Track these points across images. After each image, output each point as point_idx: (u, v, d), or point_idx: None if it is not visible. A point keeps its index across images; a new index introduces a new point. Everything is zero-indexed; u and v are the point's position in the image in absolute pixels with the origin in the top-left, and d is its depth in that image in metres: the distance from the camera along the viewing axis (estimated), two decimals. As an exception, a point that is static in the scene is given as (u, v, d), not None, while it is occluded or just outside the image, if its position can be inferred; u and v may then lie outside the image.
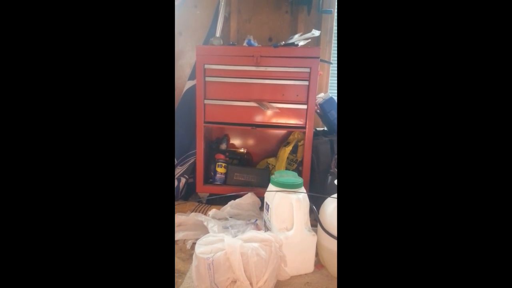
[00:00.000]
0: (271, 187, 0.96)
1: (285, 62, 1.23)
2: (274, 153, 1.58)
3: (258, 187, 1.35)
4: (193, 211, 1.27)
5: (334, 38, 1.62)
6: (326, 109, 1.38)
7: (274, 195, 0.92)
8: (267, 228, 0.98)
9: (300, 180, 0.95)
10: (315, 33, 1.26)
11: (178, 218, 1.12)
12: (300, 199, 0.89)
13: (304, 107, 1.26)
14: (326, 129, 1.56)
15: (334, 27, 1.61)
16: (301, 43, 1.29)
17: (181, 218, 1.12)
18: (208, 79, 1.28)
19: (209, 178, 1.48)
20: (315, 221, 0.94)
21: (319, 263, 0.96)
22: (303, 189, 0.94)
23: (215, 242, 0.80)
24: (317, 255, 0.94)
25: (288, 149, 1.44)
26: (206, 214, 1.16)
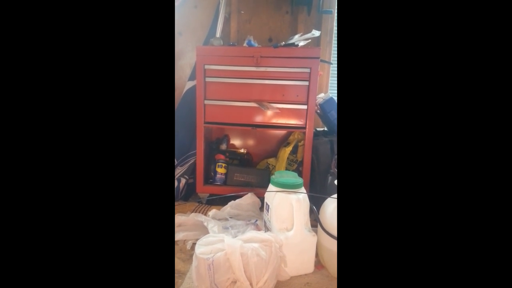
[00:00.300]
0: (271, 187, 0.96)
1: (285, 63, 1.23)
2: (274, 154, 1.58)
3: (258, 187, 1.35)
4: (193, 211, 1.27)
5: (334, 39, 1.62)
6: (326, 109, 1.38)
7: (274, 196, 0.92)
8: (267, 228, 0.98)
9: (300, 180, 0.95)
10: (315, 33, 1.26)
11: (178, 219, 1.11)
12: (300, 199, 0.89)
13: (304, 107, 1.26)
14: (326, 129, 1.56)
15: (334, 27, 1.61)
16: (301, 43, 1.29)
17: (181, 218, 1.12)
18: (208, 79, 1.28)
19: (209, 178, 1.48)
20: (315, 221, 0.94)
21: (319, 264, 0.96)
22: (303, 189, 0.94)
23: (215, 243, 0.80)
24: (317, 255, 0.94)
25: (288, 149, 1.44)
26: (206, 215, 1.16)
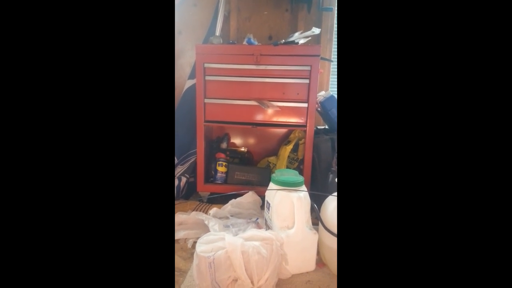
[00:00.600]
0: (272, 185, 0.96)
1: (285, 61, 1.22)
2: (275, 152, 1.58)
3: (259, 186, 1.35)
4: (194, 210, 1.27)
5: (334, 36, 1.62)
6: (327, 107, 1.37)
7: (275, 194, 0.92)
8: (268, 226, 0.98)
9: (301, 178, 0.95)
10: (315, 31, 1.26)
11: (179, 217, 1.11)
12: (301, 197, 0.88)
13: (305, 105, 1.26)
14: (327, 127, 1.55)
15: (334, 25, 1.60)
16: (301, 41, 1.28)
17: (182, 217, 1.12)
18: (208, 78, 1.28)
19: (210, 177, 1.48)
20: (316, 219, 0.94)
21: (320, 262, 0.96)
22: (304, 187, 0.94)
23: (216, 241, 0.80)
24: (318, 253, 0.94)
25: (289, 147, 1.44)
26: (207, 213, 1.16)
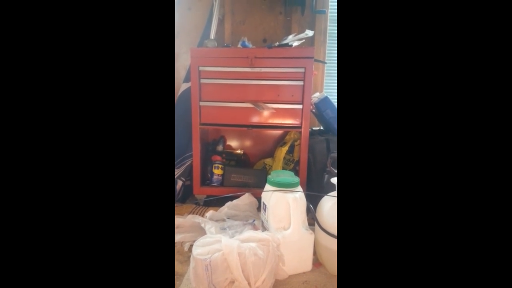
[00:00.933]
0: (267, 187, 0.97)
1: (279, 63, 1.23)
2: (271, 154, 1.59)
3: (255, 187, 1.35)
4: (190, 213, 1.27)
5: (328, 38, 1.63)
6: (322, 108, 1.38)
7: (271, 195, 0.92)
8: (264, 228, 0.98)
9: (296, 179, 0.95)
10: (309, 33, 1.27)
11: (175, 221, 1.11)
12: (297, 198, 0.89)
13: (300, 107, 1.27)
14: (322, 128, 1.56)
15: (327, 27, 1.62)
16: (295, 43, 1.29)
17: (179, 220, 1.12)
18: (203, 81, 1.28)
19: (206, 180, 1.47)
20: (312, 219, 0.95)
21: (317, 262, 0.96)
22: (299, 188, 0.95)
23: (213, 243, 0.80)
24: (315, 253, 0.95)
25: (285, 149, 1.45)
26: (203, 216, 1.16)
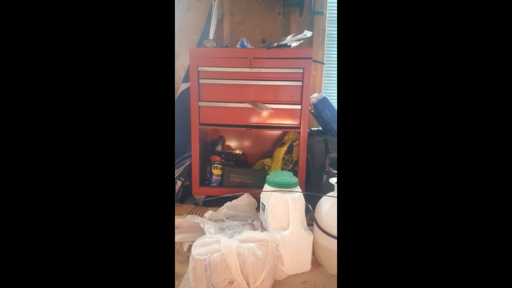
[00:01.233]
0: (266, 187, 0.97)
1: (278, 63, 1.24)
2: (269, 154, 1.59)
3: (254, 188, 1.35)
4: (189, 213, 1.27)
5: (326, 39, 1.64)
6: (320, 108, 1.39)
7: (269, 195, 0.93)
8: (263, 228, 0.99)
9: (295, 179, 0.95)
10: (307, 34, 1.27)
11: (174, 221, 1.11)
12: (296, 198, 0.89)
13: (298, 107, 1.27)
14: (320, 128, 1.57)
15: (326, 27, 1.62)
16: (293, 44, 1.30)
17: (178, 220, 1.12)
18: (202, 81, 1.28)
19: (205, 180, 1.48)
20: (311, 220, 0.95)
21: (316, 262, 0.96)
22: (298, 188, 0.95)
23: (212, 244, 0.80)
24: (313, 253, 0.95)
25: (283, 149, 1.45)
26: (202, 216, 1.16)
